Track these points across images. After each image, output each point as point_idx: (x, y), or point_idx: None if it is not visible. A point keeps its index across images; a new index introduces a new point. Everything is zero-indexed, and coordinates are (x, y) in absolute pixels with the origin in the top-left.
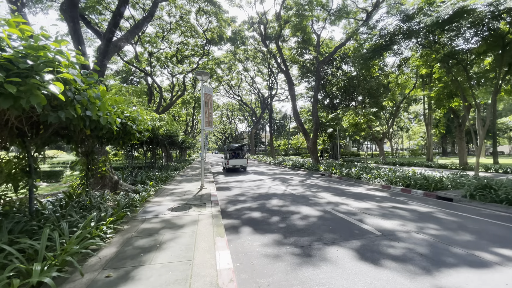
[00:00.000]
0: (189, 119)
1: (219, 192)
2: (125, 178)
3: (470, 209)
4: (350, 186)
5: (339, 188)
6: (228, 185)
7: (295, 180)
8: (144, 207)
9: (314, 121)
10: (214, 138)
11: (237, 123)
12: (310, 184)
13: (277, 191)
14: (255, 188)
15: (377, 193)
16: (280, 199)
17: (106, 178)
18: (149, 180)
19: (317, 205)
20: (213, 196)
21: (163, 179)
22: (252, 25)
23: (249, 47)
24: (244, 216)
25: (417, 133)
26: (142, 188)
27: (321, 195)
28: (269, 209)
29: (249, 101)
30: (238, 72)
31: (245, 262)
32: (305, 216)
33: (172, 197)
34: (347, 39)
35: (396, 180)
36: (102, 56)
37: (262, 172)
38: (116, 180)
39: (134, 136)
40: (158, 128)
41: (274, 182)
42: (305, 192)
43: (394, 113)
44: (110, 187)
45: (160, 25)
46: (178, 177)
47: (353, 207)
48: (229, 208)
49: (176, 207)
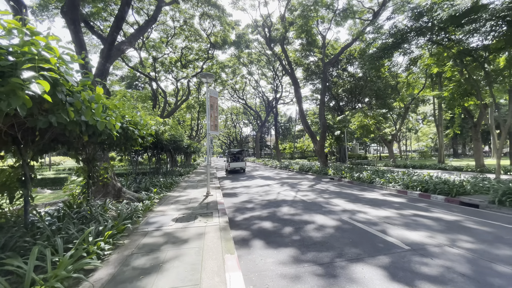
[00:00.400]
0: (193, 123)
1: (226, 199)
2: (129, 185)
3: (500, 216)
4: (363, 191)
5: (352, 194)
6: (234, 191)
7: (304, 185)
8: (147, 217)
9: (321, 123)
10: (218, 142)
11: (242, 126)
12: (320, 190)
13: (287, 197)
14: (263, 194)
15: (394, 199)
16: (291, 206)
17: (109, 186)
18: (153, 186)
19: (332, 213)
20: (219, 204)
21: (168, 185)
22: (256, 28)
23: (253, 50)
24: (254, 227)
25: (426, 135)
26: (146, 195)
27: (334, 201)
28: (281, 218)
29: (254, 104)
30: (242, 76)
31: (259, 285)
32: (321, 226)
33: (176, 206)
34: (354, 39)
35: (413, 184)
36: (104, 60)
37: (269, 177)
38: (119, 188)
39: (136, 142)
40: (162, 133)
41: (282, 187)
42: (317, 198)
43: (403, 114)
44: (113, 195)
45: (164, 30)
46: (183, 183)
47: (372, 215)
48: (237, 217)
49: (181, 217)
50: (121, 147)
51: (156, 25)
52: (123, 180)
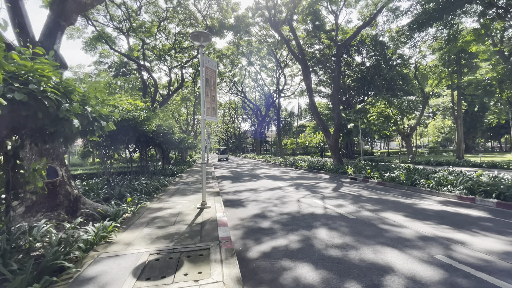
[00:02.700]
0: (190, 118)
1: (229, 211)
2: (99, 189)
3: None
4: (409, 197)
5: (400, 203)
6: (239, 197)
7: (325, 188)
8: (90, 262)
9: (336, 114)
10: (216, 138)
11: (240, 122)
12: (351, 195)
13: (313, 208)
14: (278, 203)
15: (468, 211)
16: (330, 228)
17: (59, 195)
18: (132, 192)
19: (410, 246)
20: (221, 224)
21: (151, 190)
22: (258, 10)
23: (253, 38)
24: (285, 277)
25: (438, 128)
26: (113, 210)
27: (390, 218)
28: (326, 256)
29: (253, 98)
30: (241, 67)
31: None
32: (417, 283)
33: (152, 230)
34: (374, 15)
35: (484, 188)
36: (56, 15)
37: (276, 176)
38: (76, 197)
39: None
40: (142, 121)
41: (299, 191)
42: (360, 211)
43: (422, 104)
44: (66, 207)
45: (156, 12)
46: (171, 187)
47: (480, 249)
48: (250, 250)
49: (152, 262)
50: (44, 132)
51: (147, 6)
52: (95, 182)
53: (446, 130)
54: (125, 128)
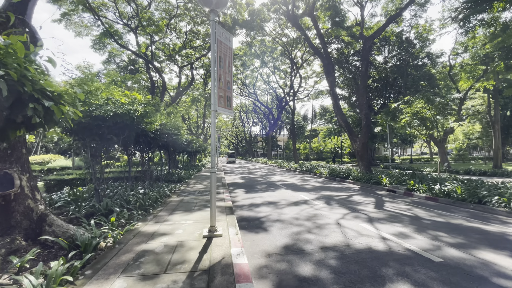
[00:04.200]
0: (200, 121)
1: (247, 238)
2: (84, 201)
3: None
4: (485, 220)
5: (487, 232)
6: (256, 214)
7: (364, 203)
8: None
9: (363, 115)
10: (226, 142)
11: (251, 125)
12: (406, 216)
13: (366, 239)
14: (311, 227)
15: None
16: (413, 281)
17: (16, 212)
18: (123, 205)
19: None
20: (240, 275)
21: (147, 204)
22: (273, 4)
23: (267, 38)
24: None
25: (467, 134)
26: (84, 236)
27: (499, 263)
28: None
29: (265, 101)
30: (253, 69)
31: None
32: None
33: (130, 283)
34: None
35: None
36: None
37: (295, 186)
38: (41, 215)
39: None
40: (139, 116)
41: (332, 208)
42: (441, 247)
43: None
44: (26, 229)
45: (166, 10)
46: (174, 198)
47: None
48: None
49: None
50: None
51: (157, 3)
52: (82, 192)
53: (475, 135)
54: (118, 126)
